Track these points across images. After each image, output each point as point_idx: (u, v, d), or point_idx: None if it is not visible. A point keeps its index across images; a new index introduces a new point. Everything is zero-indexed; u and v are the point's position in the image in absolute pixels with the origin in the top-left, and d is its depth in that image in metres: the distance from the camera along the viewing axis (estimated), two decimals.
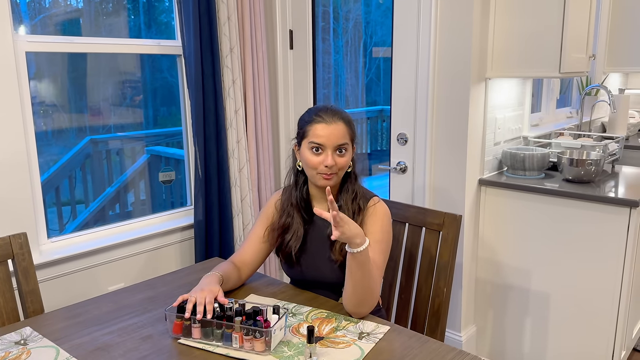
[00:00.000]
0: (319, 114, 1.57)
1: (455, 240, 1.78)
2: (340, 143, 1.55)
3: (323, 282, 1.67)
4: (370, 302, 1.49)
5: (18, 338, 1.40)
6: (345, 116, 1.58)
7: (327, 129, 1.54)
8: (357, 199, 1.63)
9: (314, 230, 1.67)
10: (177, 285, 1.74)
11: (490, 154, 2.56)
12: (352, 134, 1.59)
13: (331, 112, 1.57)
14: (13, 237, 1.65)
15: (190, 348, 1.35)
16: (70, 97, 2.66)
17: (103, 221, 3.03)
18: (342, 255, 1.58)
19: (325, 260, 1.63)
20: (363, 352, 1.32)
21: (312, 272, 1.67)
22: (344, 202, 1.62)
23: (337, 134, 1.54)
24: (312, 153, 1.56)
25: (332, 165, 1.54)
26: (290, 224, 1.67)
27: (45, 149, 2.65)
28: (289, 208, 1.68)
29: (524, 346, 2.52)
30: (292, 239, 1.65)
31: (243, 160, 2.59)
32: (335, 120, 1.55)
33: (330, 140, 1.54)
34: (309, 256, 1.67)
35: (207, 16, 2.39)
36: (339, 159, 1.56)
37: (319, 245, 1.65)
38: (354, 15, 6.57)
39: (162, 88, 2.95)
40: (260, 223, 1.74)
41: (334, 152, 1.55)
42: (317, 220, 1.67)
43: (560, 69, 2.22)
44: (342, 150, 1.56)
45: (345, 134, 1.56)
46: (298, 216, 1.67)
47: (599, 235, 2.22)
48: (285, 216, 1.68)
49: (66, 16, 2.57)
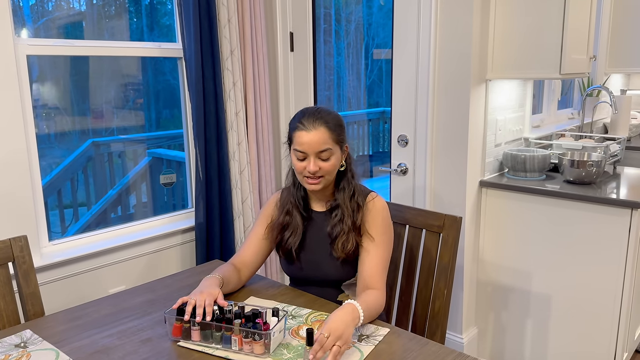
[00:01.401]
0: (301, 120, 1.58)
1: (455, 242, 1.77)
2: (322, 149, 1.56)
3: (323, 280, 1.68)
4: (376, 315, 1.53)
5: (18, 341, 1.41)
6: (328, 119, 1.58)
7: (307, 136, 1.55)
8: (355, 197, 1.65)
9: (313, 228, 1.70)
10: (177, 287, 1.74)
11: (491, 155, 2.55)
12: (336, 137, 1.59)
13: (312, 117, 1.57)
14: (14, 239, 1.66)
15: (190, 351, 1.35)
16: (72, 100, 2.67)
17: (105, 224, 3.04)
18: (344, 252, 1.61)
19: (326, 256, 1.66)
20: (362, 354, 1.32)
21: (312, 269, 1.69)
22: (341, 200, 1.64)
23: (318, 140, 1.55)
24: (297, 159, 1.60)
25: (315, 170, 1.57)
26: (290, 222, 1.69)
27: (47, 152, 2.65)
28: (288, 206, 1.70)
29: (525, 348, 2.52)
30: (292, 235, 1.68)
31: (244, 163, 2.59)
32: (316, 127, 1.55)
33: (311, 147, 1.55)
34: (308, 253, 1.69)
35: (207, 19, 2.39)
36: (322, 163, 1.57)
37: (318, 242, 1.68)
38: (356, 17, 6.58)
39: (164, 91, 2.96)
40: (260, 222, 1.76)
41: (317, 158, 1.57)
42: (316, 218, 1.70)
43: (561, 70, 2.22)
44: (325, 155, 1.57)
45: (326, 140, 1.56)
46: (297, 214, 1.69)
47: (600, 237, 2.21)
48: (284, 214, 1.70)
49: (69, 19, 2.58)
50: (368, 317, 1.45)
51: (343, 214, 1.63)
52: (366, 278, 1.58)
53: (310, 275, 1.70)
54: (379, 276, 1.59)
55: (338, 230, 1.63)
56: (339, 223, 1.63)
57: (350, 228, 1.61)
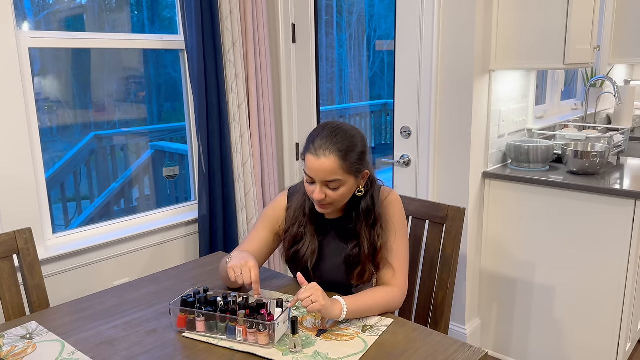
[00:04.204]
0: (315, 141, 1.44)
1: (459, 233, 1.77)
2: (329, 179, 1.43)
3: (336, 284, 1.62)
4: (393, 309, 1.52)
5: (24, 332, 1.41)
6: (343, 146, 1.43)
7: (315, 162, 1.43)
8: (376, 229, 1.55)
9: (327, 236, 1.62)
10: (181, 279, 1.75)
11: (494, 146, 2.55)
12: (348, 167, 1.44)
13: (325, 142, 1.43)
14: (18, 232, 1.66)
15: (195, 342, 1.35)
16: (74, 94, 2.67)
17: (108, 216, 3.05)
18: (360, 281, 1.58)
19: (341, 266, 1.59)
20: (366, 344, 1.32)
21: (326, 277, 1.62)
22: (359, 228, 1.55)
23: (325, 169, 1.42)
24: (307, 181, 1.50)
25: (321, 199, 1.47)
26: (303, 234, 1.60)
27: (50, 146, 2.66)
28: (301, 217, 1.60)
29: (529, 339, 2.52)
30: (308, 252, 1.58)
31: (247, 155, 2.59)
32: (326, 155, 1.41)
33: (318, 175, 1.44)
34: (322, 262, 1.62)
35: (209, 10, 2.39)
36: (330, 192, 1.46)
37: (333, 250, 1.61)
38: (358, 8, 6.55)
39: (166, 84, 2.95)
40: (263, 225, 1.66)
41: (323, 186, 1.46)
42: (330, 226, 1.62)
43: (565, 61, 2.21)
44: (333, 185, 1.45)
45: (335, 170, 1.42)
46: (310, 227, 1.60)
47: (604, 228, 2.21)
48: (297, 226, 1.60)
49: (70, 12, 2.57)
50: (358, 312, 1.43)
51: (362, 244, 1.54)
52: (383, 277, 1.56)
53: (323, 282, 1.59)
54: (399, 273, 1.55)
55: (355, 260, 1.55)
56: (356, 252, 1.54)
57: (367, 257, 1.54)
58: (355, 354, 1.28)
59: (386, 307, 1.50)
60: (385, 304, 1.49)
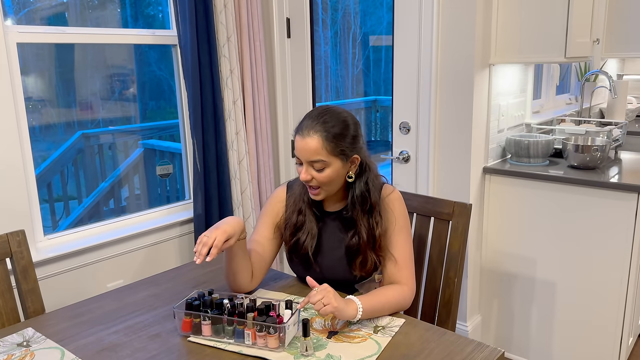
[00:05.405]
0: (303, 122, 1.46)
1: (465, 229, 1.74)
2: (313, 159, 1.43)
3: (338, 281, 1.57)
4: (403, 308, 1.49)
5: (20, 339, 1.35)
6: (329, 127, 1.42)
7: (300, 142, 1.43)
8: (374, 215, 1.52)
9: (327, 229, 1.59)
10: (182, 281, 1.69)
11: (494, 141, 2.52)
12: (333, 148, 1.42)
13: (313, 122, 1.43)
14: (11, 234, 1.59)
15: (201, 346, 1.30)
16: (59, 92, 2.58)
17: (97, 217, 2.97)
18: (363, 271, 1.54)
19: (342, 259, 1.56)
20: (380, 346, 1.28)
21: (328, 272, 1.58)
22: (356, 215, 1.52)
23: (309, 149, 1.42)
24: (296, 163, 1.49)
25: (307, 180, 1.45)
26: (303, 222, 1.57)
27: (34, 145, 2.58)
28: (301, 205, 1.58)
29: (530, 335, 2.50)
30: (307, 238, 1.56)
31: (242, 152, 2.53)
32: (311, 134, 1.42)
33: (303, 155, 1.44)
34: (324, 256, 1.58)
35: (202, 4, 2.32)
36: (315, 174, 1.45)
37: (333, 244, 1.57)
38: (343, 5, 6.50)
39: (150, 82, 2.88)
40: (264, 223, 1.62)
41: (309, 167, 1.45)
42: (329, 218, 1.59)
43: (566, 54, 2.19)
44: (318, 166, 1.44)
45: (318, 150, 1.41)
46: (310, 214, 1.57)
47: (605, 222, 2.20)
48: (297, 214, 1.58)
49: (51, 10, 2.49)
50: (372, 312, 1.39)
51: (359, 232, 1.51)
52: (390, 275, 1.53)
53: (325, 277, 1.57)
54: (405, 270, 1.53)
55: (355, 249, 1.52)
56: (355, 241, 1.52)
57: (367, 245, 1.51)
58: (370, 356, 1.24)
59: (397, 306, 1.46)
60: (396, 303, 1.46)
